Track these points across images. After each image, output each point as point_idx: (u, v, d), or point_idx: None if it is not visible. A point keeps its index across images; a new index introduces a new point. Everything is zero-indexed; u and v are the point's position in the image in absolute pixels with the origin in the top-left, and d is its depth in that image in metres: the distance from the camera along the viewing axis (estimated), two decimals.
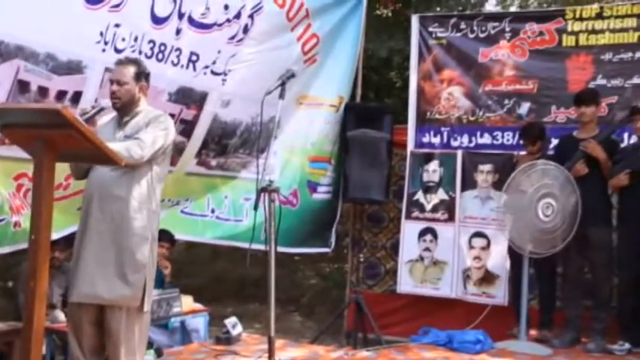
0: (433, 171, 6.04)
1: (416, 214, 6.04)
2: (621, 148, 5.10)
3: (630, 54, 5.53)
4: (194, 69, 4.92)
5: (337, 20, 6.07)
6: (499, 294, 5.62)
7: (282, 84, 3.76)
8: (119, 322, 3.37)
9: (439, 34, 6.22)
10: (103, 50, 4.24)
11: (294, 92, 5.59)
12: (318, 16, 5.82)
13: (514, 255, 5.23)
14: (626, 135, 5.35)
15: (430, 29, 6.25)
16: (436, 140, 6.19)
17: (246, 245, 4.51)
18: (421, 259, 5.98)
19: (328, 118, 6.21)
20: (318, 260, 9.39)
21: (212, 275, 9.24)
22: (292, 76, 3.85)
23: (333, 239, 6.52)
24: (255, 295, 7.91)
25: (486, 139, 6.02)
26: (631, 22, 5.52)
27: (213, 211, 5.64)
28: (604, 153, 4.88)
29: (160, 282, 4.71)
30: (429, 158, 6.08)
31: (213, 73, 5.06)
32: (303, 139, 6.12)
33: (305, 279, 9.52)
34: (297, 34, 5.67)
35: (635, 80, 5.50)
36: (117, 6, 4.24)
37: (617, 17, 5.58)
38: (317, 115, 6.16)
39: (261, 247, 3.71)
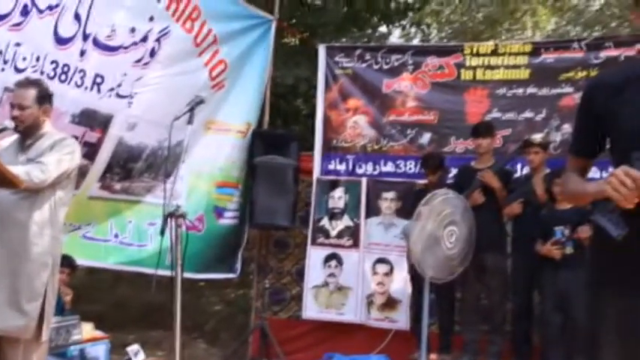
0: (338, 198, 6.15)
1: (321, 240, 6.12)
2: (515, 178, 5.38)
3: (522, 89, 5.86)
4: (98, 91, 4.84)
5: (245, 47, 6.11)
6: (401, 319, 5.76)
7: (191, 109, 3.75)
8: (16, 354, 3.24)
9: (345, 64, 6.38)
10: (2, 69, 4.11)
11: (202, 117, 5.57)
12: (226, 43, 5.85)
13: (415, 280, 5.38)
14: (519, 166, 5.64)
15: (336, 59, 6.40)
16: (342, 167, 6.32)
17: (150, 271, 4.43)
18: (326, 284, 6.05)
19: (236, 143, 6.21)
20: (223, 286, 9.29)
21: (114, 301, 8.95)
22: (201, 102, 3.85)
23: (238, 265, 6.48)
24: (158, 321, 7.71)
25: (390, 167, 6.20)
26: (523, 60, 5.86)
27: (116, 235, 5.52)
28: (499, 183, 5.13)
29: (59, 309, 4.55)
30: (334, 185, 6.19)
31: (118, 95, 4.99)
32: (210, 165, 6.09)
33: (210, 305, 9.39)
34: (205, 59, 5.68)
35: (527, 114, 5.83)
36: (18, 25, 4.13)
37: (510, 54, 5.92)
38: (224, 141, 6.15)
39: (167, 272, 3.67)
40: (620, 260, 2.01)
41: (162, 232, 3.46)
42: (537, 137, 5.17)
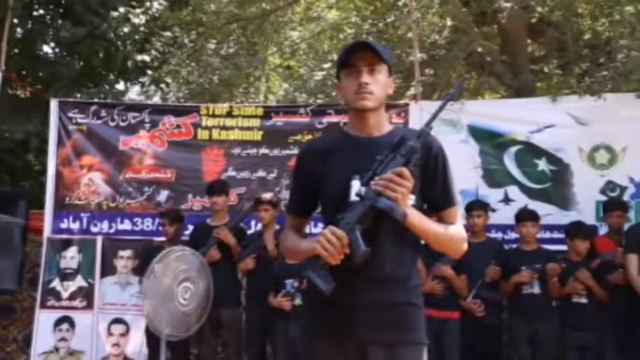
0: (71, 257, 5.91)
1: (52, 302, 5.81)
2: (248, 235, 5.63)
3: (255, 150, 6.20)
4: None
5: None
6: None
7: None
8: None
9: (79, 120, 6.23)
10: None
11: None
12: None
13: (151, 339, 5.32)
14: (252, 222, 5.92)
15: (70, 114, 6.22)
16: (75, 226, 6.09)
17: None
18: (56, 350, 5.72)
19: None
20: None
21: None
22: None
23: None
24: None
25: (127, 224, 6.12)
26: (255, 122, 6.21)
27: None
28: (234, 239, 5.33)
29: None
30: (67, 244, 5.94)
31: None
32: None
33: None
34: None
35: (260, 173, 6.16)
36: None
37: (244, 117, 6.24)
38: None
39: None
40: (329, 311, 2.25)
41: None
42: (268, 195, 5.47)
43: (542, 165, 5.88)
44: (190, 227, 5.80)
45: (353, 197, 2.17)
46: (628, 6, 6.82)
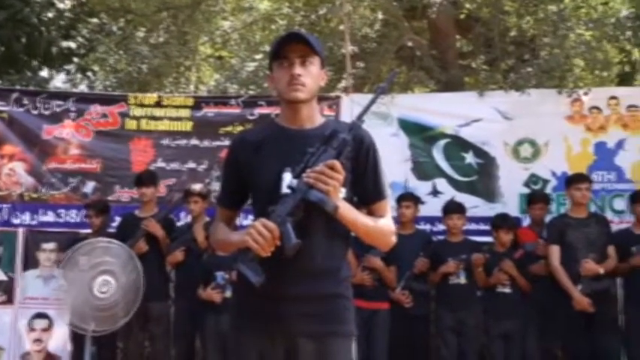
0: None
1: None
2: (177, 227, 5.54)
3: (185, 141, 6.11)
4: None
5: None
6: None
7: None
8: None
9: (0, 108, 6.00)
10: None
11: None
12: None
13: (76, 334, 5.19)
14: (182, 214, 5.84)
15: None
16: None
17: None
18: None
19: None
20: None
21: None
22: None
23: None
24: None
25: (50, 216, 5.94)
26: (185, 113, 6.12)
27: None
28: (162, 231, 5.25)
29: None
30: None
31: None
32: None
33: None
34: None
35: (190, 165, 6.08)
36: None
37: (173, 107, 6.14)
38: None
39: None
40: (259, 303, 2.24)
41: None
42: (197, 187, 5.40)
43: (470, 158, 6.01)
44: (118, 219, 5.68)
45: (284, 189, 2.17)
46: (551, 5, 7.03)
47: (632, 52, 9.11)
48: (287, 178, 2.18)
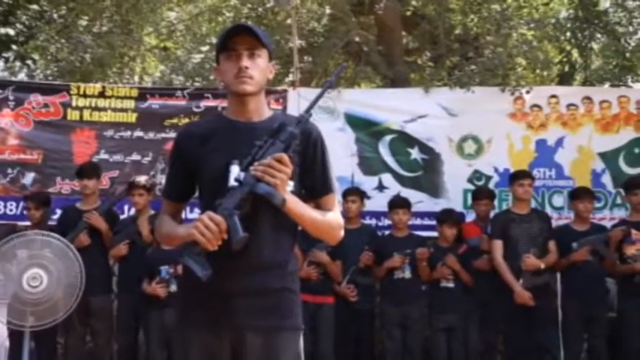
0: None
1: None
2: (121, 220, 5.45)
3: (130, 132, 6.01)
4: None
5: None
6: None
7: None
8: None
9: None
10: None
11: None
12: None
13: (14, 330, 5.04)
14: (126, 207, 5.74)
15: None
16: None
17: None
18: None
19: None
20: None
21: None
22: None
23: None
24: None
25: None
26: (130, 104, 6.02)
27: None
28: (105, 224, 5.15)
29: None
30: None
31: None
32: None
33: None
34: None
35: (135, 157, 5.99)
36: None
37: (117, 98, 6.03)
38: None
39: None
40: (205, 298, 2.21)
41: None
42: (142, 179, 5.32)
43: (415, 154, 6.09)
44: (59, 211, 5.54)
45: (232, 182, 2.15)
46: (494, 4, 7.17)
47: (572, 52, 9.37)
48: (234, 171, 2.16)
